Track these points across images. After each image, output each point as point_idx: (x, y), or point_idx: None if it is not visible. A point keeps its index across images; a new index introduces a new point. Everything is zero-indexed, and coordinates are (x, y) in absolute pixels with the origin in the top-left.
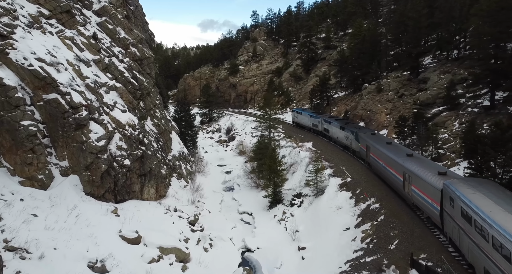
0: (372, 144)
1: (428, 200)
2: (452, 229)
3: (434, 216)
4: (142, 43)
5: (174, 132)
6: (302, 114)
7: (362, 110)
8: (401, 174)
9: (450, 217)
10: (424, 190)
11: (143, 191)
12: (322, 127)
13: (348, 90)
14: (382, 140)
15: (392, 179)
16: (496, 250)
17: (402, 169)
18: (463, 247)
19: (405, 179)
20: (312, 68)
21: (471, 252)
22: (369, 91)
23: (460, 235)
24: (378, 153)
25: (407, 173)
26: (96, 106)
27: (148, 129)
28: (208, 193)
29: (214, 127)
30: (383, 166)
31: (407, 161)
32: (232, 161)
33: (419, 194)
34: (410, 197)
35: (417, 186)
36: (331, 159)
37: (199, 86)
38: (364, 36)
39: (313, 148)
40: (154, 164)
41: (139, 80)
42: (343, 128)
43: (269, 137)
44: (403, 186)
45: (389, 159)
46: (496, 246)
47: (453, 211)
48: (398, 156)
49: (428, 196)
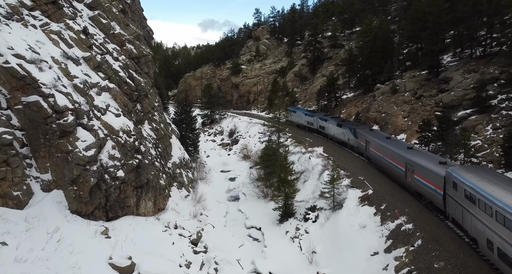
0: (371, 139)
1: (431, 187)
2: (455, 210)
3: (437, 201)
4: (140, 40)
5: (174, 137)
6: (297, 112)
7: (376, 113)
8: (403, 164)
9: (453, 200)
10: (427, 178)
11: (139, 205)
12: (317, 125)
13: (357, 90)
14: (381, 135)
15: (394, 170)
16: (499, 222)
17: (404, 160)
18: (466, 224)
19: (407, 169)
20: (318, 68)
21: (474, 227)
22: (382, 92)
23: (463, 214)
24: (379, 147)
25: (410, 163)
26: (85, 110)
27: (146, 134)
28: (211, 203)
29: (216, 129)
30: (384, 159)
31: (409, 153)
32: (236, 166)
33: (422, 181)
34: (412, 185)
35: (420, 175)
36: (347, 167)
37: (200, 87)
38: (375, 34)
39: (324, 153)
40: (152, 174)
41: (136, 80)
42: (340, 126)
43: (278, 142)
44: (405, 175)
45: (391, 152)
46: (500, 220)
47: (457, 194)
48: (400, 149)
49: (431, 183)
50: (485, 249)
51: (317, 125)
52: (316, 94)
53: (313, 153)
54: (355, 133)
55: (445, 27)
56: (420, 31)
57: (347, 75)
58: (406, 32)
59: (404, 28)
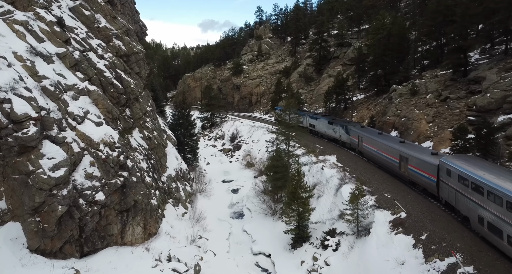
0: (364, 135)
1: (425, 175)
2: (449, 194)
3: (430, 187)
4: (130, 35)
5: (170, 144)
6: None
7: (394, 117)
8: (397, 157)
9: (446, 185)
10: (421, 167)
11: (125, 233)
12: (307, 123)
13: (368, 92)
14: (373, 131)
15: (387, 162)
16: (490, 200)
17: (398, 153)
18: (459, 205)
19: (401, 161)
20: (324, 68)
21: (466, 207)
22: (400, 94)
23: (456, 197)
24: (372, 142)
25: (404, 155)
26: (56, 119)
27: (136, 144)
28: (212, 222)
29: (217, 133)
30: (377, 152)
31: (402, 146)
32: (239, 175)
33: (417, 171)
34: (407, 175)
35: (414, 165)
36: (368, 180)
37: (200, 88)
38: (389, 30)
39: (338, 163)
40: (141, 193)
41: (125, 81)
42: (332, 123)
43: (288, 152)
44: (399, 166)
45: (384, 146)
46: (491, 198)
47: (450, 179)
48: (393, 142)
49: (425, 171)
50: (477, 224)
51: (307, 123)
52: (324, 96)
53: (325, 163)
54: (347, 130)
55: (475, 20)
56: (442, 26)
57: (357, 75)
58: (424, 27)
59: (422, 24)
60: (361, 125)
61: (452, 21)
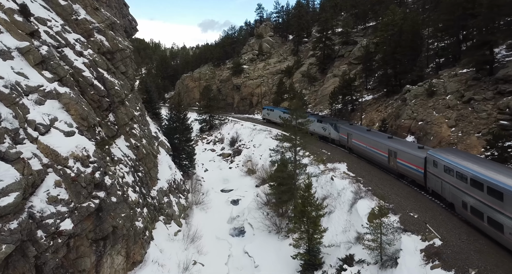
0: (353, 132)
1: (413, 167)
2: (435, 183)
3: (418, 178)
4: (115, 29)
5: (163, 151)
6: (275, 111)
7: (409, 120)
8: (386, 151)
9: (433, 175)
10: (409, 160)
11: (102, 265)
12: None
13: (377, 92)
14: (362, 128)
15: (377, 156)
16: (473, 186)
17: (387, 148)
18: (445, 192)
19: (390, 155)
20: (328, 67)
21: (451, 194)
22: (415, 95)
23: (442, 185)
24: (361, 138)
25: (392, 150)
26: (9, 129)
27: (121, 155)
28: (209, 241)
29: (216, 136)
30: (367, 148)
31: (390, 141)
32: (240, 184)
33: (405, 164)
34: (395, 168)
35: (403, 159)
36: (387, 195)
37: (199, 88)
38: (401, 26)
39: (350, 172)
40: (122, 216)
41: (108, 82)
42: (321, 121)
43: (295, 161)
44: (388, 161)
45: (373, 142)
46: (473, 184)
47: (437, 170)
48: (382, 138)
49: (413, 164)
50: (461, 209)
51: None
52: (329, 97)
53: (335, 172)
54: (336, 127)
55: (504, 11)
56: (461, 20)
57: (364, 75)
58: (440, 22)
59: (437, 19)
60: (350, 123)
61: (472, 14)
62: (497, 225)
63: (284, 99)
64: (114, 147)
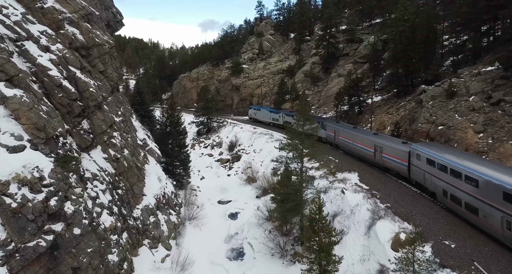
0: (340, 129)
1: (398, 161)
2: (418, 174)
3: (402, 171)
4: (93, 21)
5: (153, 161)
6: (261, 110)
7: (427, 124)
8: (372, 147)
9: (417, 167)
10: (394, 155)
11: None
12: (283, 121)
13: (386, 93)
14: (348, 125)
15: (363, 152)
16: (452, 175)
17: (373, 143)
18: (427, 183)
19: (376, 150)
20: (332, 67)
21: (433, 184)
22: (433, 96)
23: (425, 176)
24: (348, 135)
25: (378, 145)
26: None
27: (97, 169)
28: (202, 268)
29: (214, 140)
30: (354, 144)
31: (376, 137)
32: (239, 194)
33: (390, 158)
34: (381, 162)
35: (388, 153)
36: (411, 214)
37: (196, 89)
38: (414, 21)
39: (362, 184)
40: (89, 252)
41: (81, 83)
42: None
43: (301, 175)
44: (374, 155)
45: (360, 138)
46: (453, 174)
47: (420, 163)
48: (368, 135)
49: (398, 158)
50: (442, 197)
51: (283, 121)
52: (334, 98)
53: (345, 183)
54: (323, 125)
55: None
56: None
57: (371, 74)
58: (459, 16)
59: (456, 12)
60: (336, 120)
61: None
62: (473, 210)
63: (286, 100)
64: (88, 159)
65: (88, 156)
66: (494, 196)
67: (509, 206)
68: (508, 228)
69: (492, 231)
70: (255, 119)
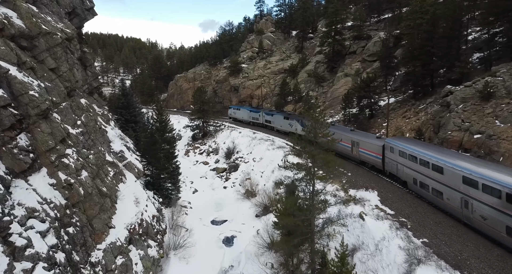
0: None
1: (373, 154)
2: (392, 166)
3: (377, 163)
4: (42, 4)
5: (131, 177)
6: (241, 110)
7: (459, 132)
8: (349, 142)
9: (390, 159)
10: (370, 149)
11: None
12: (263, 120)
13: (399, 95)
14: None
15: (341, 147)
16: (421, 165)
17: (350, 139)
18: (399, 173)
19: (353, 145)
20: (339, 66)
21: (405, 174)
22: (463, 98)
23: (397, 167)
24: None
25: (355, 140)
26: None
27: (38, 202)
28: None
29: (210, 146)
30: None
31: (352, 134)
32: (236, 211)
33: (366, 152)
34: (358, 156)
35: (364, 148)
36: (462, 258)
37: (193, 90)
38: (434, 13)
39: (385, 207)
40: None
41: (16, 84)
42: (287, 118)
43: (312, 198)
44: (351, 150)
45: (338, 134)
46: (421, 164)
47: (393, 155)
48: (345, 131)
49: (373, 152)
50: (412, 185)
51: (263, 120)
52: (342, 99)
53: (363, 205)
54: (302, 123)
55: None
56: None
57: (383, 73)
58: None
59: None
60: None
61: None
62: (438, 194)
63: (288, 102)
64: (26, 189)
65: (25, 183)
66: (455, 181)
67: (466, 188)
68: (465, 206)
69: (454, 211)
70: (235, 119)
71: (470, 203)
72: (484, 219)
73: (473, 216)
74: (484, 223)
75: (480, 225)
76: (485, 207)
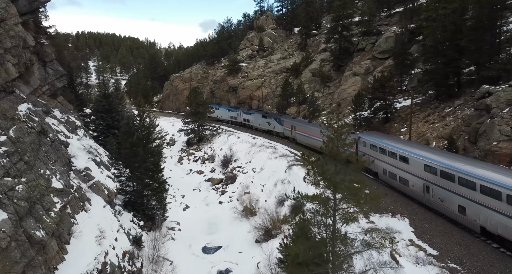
0: (296, 124)
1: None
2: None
3: None
4: None
5: (98, 202)
6: (220, 109)
7: (508, 143)
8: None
9: (363, 153)
10: None
11: None
12: (241, 119)
13: (418, 96)
14: (304, 121)
15: (316, 142)
16: (390, 156)
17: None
18: (372, 165)
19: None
20: (346, 64)
21: (376, 166)
22: (509, 100)
23: (369, 159)
24: (305, 129)
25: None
26: None
27: None
28: None
29: (205, 152)
30: (310, 137)
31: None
32: (232, 234)
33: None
34: None
35: None
36: None
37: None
38: (463, 1)
39: (423, 242)
40: None
41: None
42: (265, 117)
43: (333, 235)
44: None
45: (314, 131)
46: (390, 155)
47: (365, 149)
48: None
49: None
50: (382, 175)
51: (241, 119)
52: (352, 101)
53: (393, 240)
54: (280, 121)
55: None
56: None
57: (398, 72)
58: None
59: None
60: (292, 116)
61: None
62: (404, 181)
63: (291, 103)
64: None
65: None
66: (419, 169)
67: (427, 175)
68: (427, 191)
69: (417, 196)
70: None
71: (431, 188)
72: (441, 201)
73: (433, 199)
74: (442, 204)
75: (438, 206)
76: (443, 190)
